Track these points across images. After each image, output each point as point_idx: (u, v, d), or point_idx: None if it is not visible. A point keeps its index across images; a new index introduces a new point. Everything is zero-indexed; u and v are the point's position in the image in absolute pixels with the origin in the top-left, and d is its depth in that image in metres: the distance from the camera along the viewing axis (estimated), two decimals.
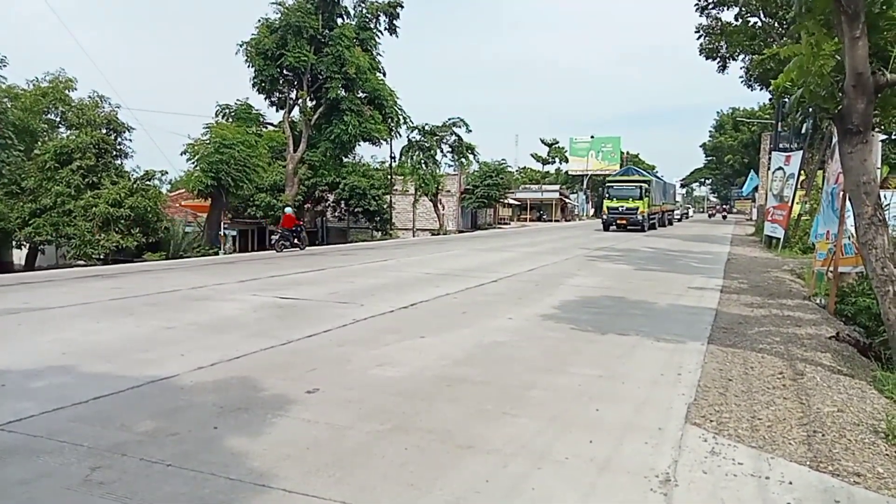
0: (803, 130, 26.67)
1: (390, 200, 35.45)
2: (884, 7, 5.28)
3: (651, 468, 3.35)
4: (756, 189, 40.15)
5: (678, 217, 54.64)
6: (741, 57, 26.89)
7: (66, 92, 23.64)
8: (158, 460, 3.33)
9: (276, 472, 3.22)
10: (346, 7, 29.36)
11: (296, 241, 19.37)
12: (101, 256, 20.28)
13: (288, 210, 20.65)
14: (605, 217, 34.62)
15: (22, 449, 3.48)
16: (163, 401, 4.35)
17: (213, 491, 3.01)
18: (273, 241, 20.15)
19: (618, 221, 33.09)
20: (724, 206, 71.39)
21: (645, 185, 33.94)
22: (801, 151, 21.61)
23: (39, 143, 23.06)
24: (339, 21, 29.15)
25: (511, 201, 59.51)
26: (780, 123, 26.63)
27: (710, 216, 66.31)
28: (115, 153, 23.06)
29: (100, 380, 4.80)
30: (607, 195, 35.12)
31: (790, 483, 3.22)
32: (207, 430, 3.80)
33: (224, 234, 23.83)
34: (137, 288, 10.01)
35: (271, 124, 31.66)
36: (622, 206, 33.19)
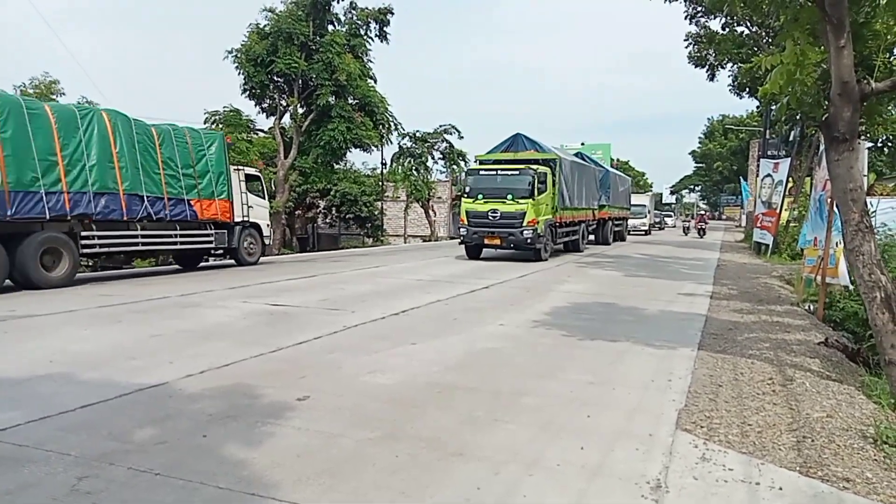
0: (791, 138, 26.98)
1: (381, 207, 35.43)
2: (868, 17, 5.36)
3: (642, 474, 3.35)
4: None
5: (643, 229, 38.73)
6: (729, 65, 27.16)
7: (53, 96, 23.44)
8: (147, 469, 3.30)
9: (267, 481, 3.19)
10: (336, 14, 29.40)
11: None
12: (89, 263, 20.08)
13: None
14: (464, 231, 17.54)
15: (7, 459, 3.43)
16: (151, 409, 4.30)
17: (202, 500, 2.98)
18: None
19: (486, 240, 17.21)
20: (704, 214, 44.86)
21: (542, 173, 17.29)
22: (789, 158, 21.82)
23: None
24: (330, 28, 29.17)
25: None
26: (768, 131, 26.93)
27: (685, 230, 41.68)
28: None
29: (87, 388, 4.75)
30: (468, 190, 17.80)
31: (780, 489, 3.23)
32: (197, 439, 3.76)
33: None
34: (126, 295, 9.91)
35: (262, 130, 31.59)
36: (494, 212, 16.81)
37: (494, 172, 17.60)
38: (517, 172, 17.08)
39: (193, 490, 3.08)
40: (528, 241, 16.64)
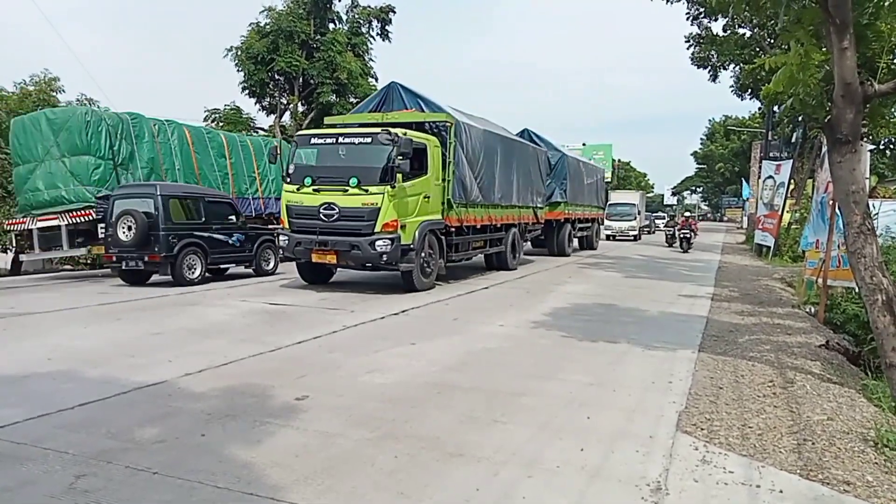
0: (793, 139, 26.96)
1: None
2: (872, 18, 5.33)
3: (642, 476, 3.34)
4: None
5: (633, 233, 31.70)
6: (731, 66, 27.12)
7: (53, 93, 23.42)
8: (145, 468, 3.29)
9: (265, 480, 3.18)
10: (337, 13, 29.39)
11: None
12: (89, 261, 20.10)
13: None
14: (284, 239, 10.65)
15: (5, 456, 3.42)
16: (150, 407, 4.29)
17: (200, 499, 2.97)
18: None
19: (314, 256, 10.25)
20: (689, 218, 26.85)
21: (409, 141, 9.88)
22: (791, 160, 21.82)
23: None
24: (331, 26, 29.16)
25: None
26: (770, 132, 26.87)
27: (667, 239, 26.19)
28: None
29: (86, 386, 4.74)
30: (290, 172, 10.68)
31: (781, 491, 3.21)
32: (195, 438, 3.75)
33: None
34: (125, 293, 9.92)
35: (262, 129, 31.56)
36: (328, 208, 10.04)
37: (333, 141, 10.67)
38: (368, 140, 10.18)
39: (192, 489, 3.07)
40: (384, 257, 9.83)
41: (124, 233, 10.54)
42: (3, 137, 21.47)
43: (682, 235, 23.65)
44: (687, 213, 29.69)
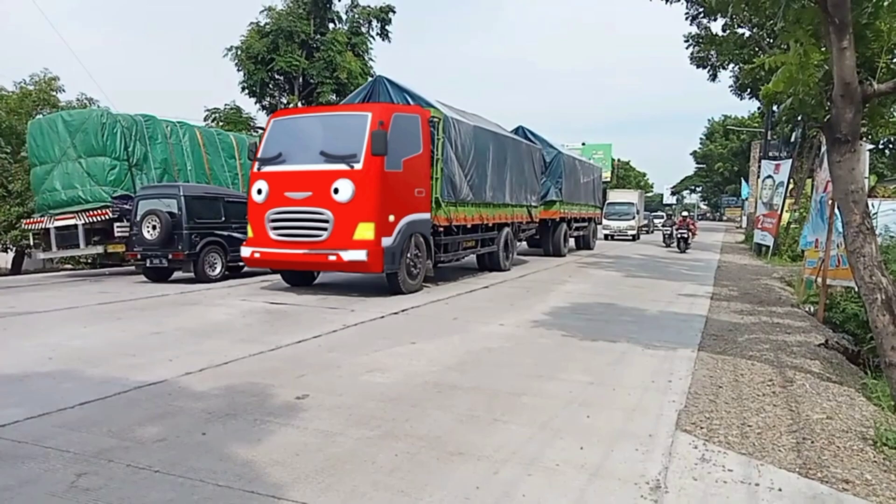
0: (792, 139, 26.97)
1: None
2: (871, 18, 5.34)
3: (641, 475, 3.35)
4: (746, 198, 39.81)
5: (631, 233, 31.55)
6: (731, 66, 27.10)
7: (53, 93, 23.43)
8: (146, 466, 3.29)
9: (266, 479, 3.19)
10: (337, 12, 29.42)
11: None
12: (90, 261, 20.10)
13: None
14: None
15: (6, 455, 3.43)
16: (150, 406, 4.30)
17: (200, 497, 2.98)
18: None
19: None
20: (687, 217, 25.21)
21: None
22: (791, 160, 21.84)
23: (26, 146, 22.84)
24: (331, 26, 29.18)
25: None
26: (769, 132, 26.89)
27: (664, 239, 26.16)
28: None
29: (86, 385, 4.75)
30: (256, 164, 10.20)
31: (780, 490, 3.22)
32: (195, 436, 3.76)
33: None
34: (125, 292, 9.92)
35: (262, 128, 31.54)
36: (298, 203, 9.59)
37: (306, 126, 10.36)
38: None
39: (192, 487, 3.07)
40: (364, 259, 9.14)
41: (149, 232, 11.02)
42: (5, 137, 21.49)
43: (679, 235, 23.23)
44: (685, 213, 28.42)
